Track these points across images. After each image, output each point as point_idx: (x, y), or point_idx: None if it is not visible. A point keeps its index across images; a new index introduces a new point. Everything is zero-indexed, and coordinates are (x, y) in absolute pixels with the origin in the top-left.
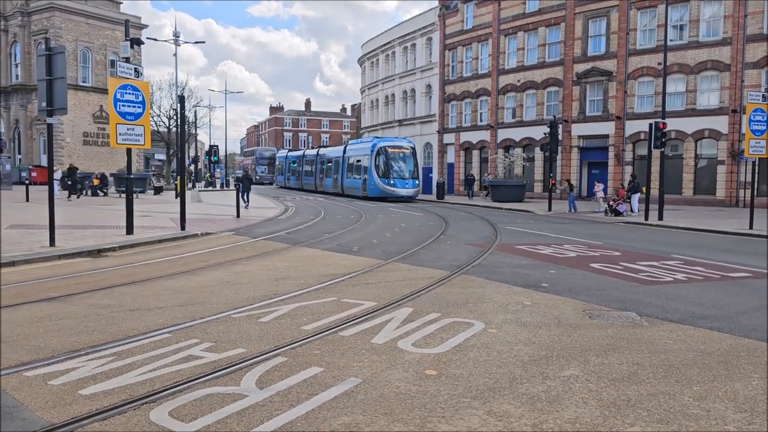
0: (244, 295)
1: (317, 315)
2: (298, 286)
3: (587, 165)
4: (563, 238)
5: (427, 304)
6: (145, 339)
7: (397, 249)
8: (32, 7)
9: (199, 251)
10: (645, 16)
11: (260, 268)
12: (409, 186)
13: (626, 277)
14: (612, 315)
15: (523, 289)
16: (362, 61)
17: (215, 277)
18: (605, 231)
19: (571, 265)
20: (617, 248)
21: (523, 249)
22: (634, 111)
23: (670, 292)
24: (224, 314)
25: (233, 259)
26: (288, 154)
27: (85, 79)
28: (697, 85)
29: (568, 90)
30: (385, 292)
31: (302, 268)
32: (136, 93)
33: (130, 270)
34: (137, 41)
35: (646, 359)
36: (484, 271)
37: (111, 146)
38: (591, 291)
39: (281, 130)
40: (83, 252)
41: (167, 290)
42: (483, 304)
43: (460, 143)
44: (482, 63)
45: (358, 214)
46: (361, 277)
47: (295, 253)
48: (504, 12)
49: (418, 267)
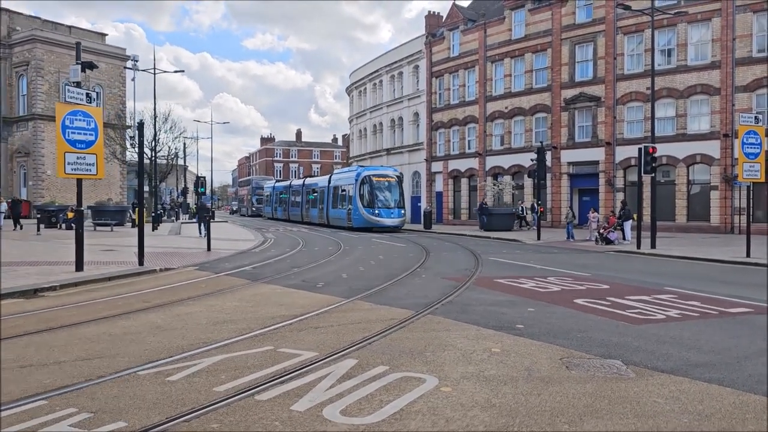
0: (168, 345)
1: (241, 370)
2: (237, 331)
3: (578, 192)
4: (549, 270)
5: (377, 354)
6: (13, 408)
7: (365, 285)
8: (14, 39)
9: (146, 290)
10: (632, 40)
11: (205, 310)
12: (395, 216)
13: (613, 314)
14: (593, 364)
15: (494, 332)
16: (350, 90)
17: (147, 321)
18: (595, 261)
19: (553, 301)
20: (606, 280)
21: (502, 283)
22: (624, 136)
23: (661, 333)
24: (129, 371)
25: (179, 299)
26: (275, 184)
27: None
28: (687, 109)
29: (556, 116)
30: (332, 339)
31: (252, 309)
32: (88, 119)
33: (55, 314)
34: (89, 65)
35: (630, 426)
36: (455, 309)
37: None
38: (572, 333)
39: (272, 161)
40: (17, 292)
41: (81, 339)
42: (443, 352)
43: (448, 171)
44: (469, 90)
45: (338, 245)
46: (313, 320)
47: (252, 290)
48: (490, 39)
49: (381, 306)
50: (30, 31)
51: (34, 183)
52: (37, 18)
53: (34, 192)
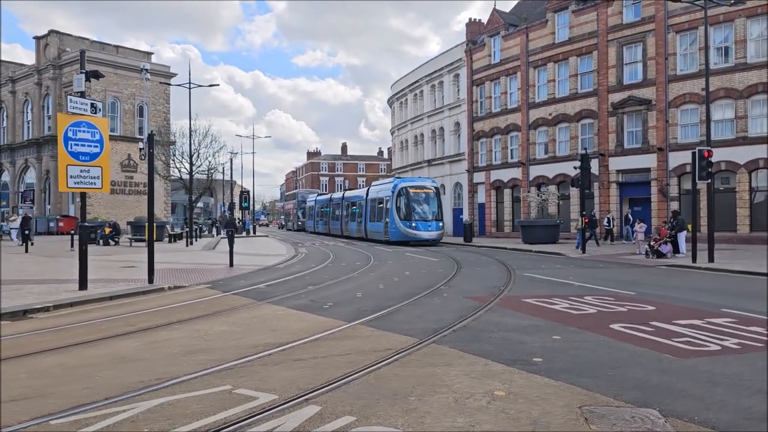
0: (117, 382)
1: (173, 420)
2: (204, 364)
3: (628, 201)
4: (588, 288)
5: (350, 398)
6: None
7: (376, 305)
8: (63, 59)
9: (141, 311)
10: (685, 39)
11: (186, 336)
12: (432, 228)
13: (656, 344)
14: (622, 415)
15: (504, 368)
16: (392, 101)
17: (115, 350)
18: (643, 277)
19: (585, 327)
20: (652, 300)
21: (531, 303)
22: (678, 141)
23: (715, 370)
24: (41, 420)
25: (168, 323)
26: (317, 198)
27: (114, 129)
28: (748, 110)
29: (603, 122)
30: (306, 376)
31: (239, 335)
32: (93, 131)
33: (27, 340)
34: (95, 74)
35: None
36: (466, 337)
37: (60, 190)
38: (601, 369)
39: (318, 175)
40: (6, 314)
41: (28, 373)
42: (433, 396)
43: (490, 182)
44: (511, 97)
45: (367, 260)
46: (299, 350)
47: (251, 312)
48: (532, 43)
49: (383, 332)
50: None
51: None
52: (86, 39)
53: None
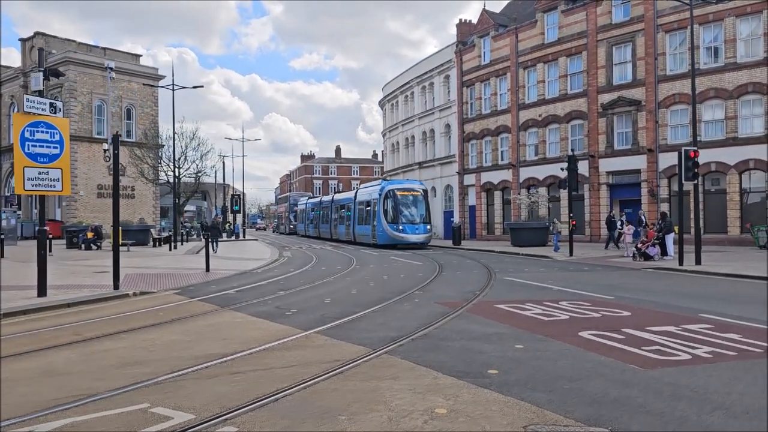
0: (31, 399)
1: None
2: (134, 378)
3: (618, 203)
4: (567, 292)
5: (275, 417)
6: None
7: (341, 312)
8: (49, 62)
9: (94, 319)
10: (674, 38)
11: (128, 346)
12: (420, 231)
13: (622, 353)
14: None
15: (454, 381)
16: (383, 103)
17: (46, 363)
18: (627, 280)
19: (552, 335)
20: (629, 305)
21: (502, 309)
22: (668, 142)
23: (680, 381)
24: None
25: (116, 332)
26: (308, 201)
27: (100, 132)
28: (738, 111)
29: (593, 123)
30: (238, 392)
31: (186, 345)
32: (52, 131)
33: None
34: (55, 72)
35: None
36: (425, 346)
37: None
38: (558, 382)
39: (311, 178)
40: None
41: None
42: (367, 414)
43: (481, 184)
44: (501, 98)
45: (349, 264)
46: (241, 361)
47: (208, 320)
48: (522, 44)
49: (337, 341)
50: (63, 54)
51: (68, 203)
52: (72, 41)
53: (68, 212)
